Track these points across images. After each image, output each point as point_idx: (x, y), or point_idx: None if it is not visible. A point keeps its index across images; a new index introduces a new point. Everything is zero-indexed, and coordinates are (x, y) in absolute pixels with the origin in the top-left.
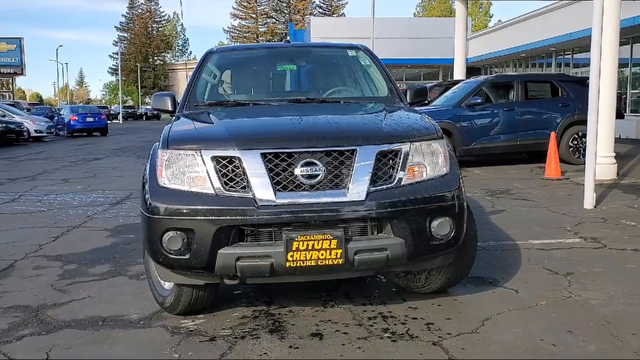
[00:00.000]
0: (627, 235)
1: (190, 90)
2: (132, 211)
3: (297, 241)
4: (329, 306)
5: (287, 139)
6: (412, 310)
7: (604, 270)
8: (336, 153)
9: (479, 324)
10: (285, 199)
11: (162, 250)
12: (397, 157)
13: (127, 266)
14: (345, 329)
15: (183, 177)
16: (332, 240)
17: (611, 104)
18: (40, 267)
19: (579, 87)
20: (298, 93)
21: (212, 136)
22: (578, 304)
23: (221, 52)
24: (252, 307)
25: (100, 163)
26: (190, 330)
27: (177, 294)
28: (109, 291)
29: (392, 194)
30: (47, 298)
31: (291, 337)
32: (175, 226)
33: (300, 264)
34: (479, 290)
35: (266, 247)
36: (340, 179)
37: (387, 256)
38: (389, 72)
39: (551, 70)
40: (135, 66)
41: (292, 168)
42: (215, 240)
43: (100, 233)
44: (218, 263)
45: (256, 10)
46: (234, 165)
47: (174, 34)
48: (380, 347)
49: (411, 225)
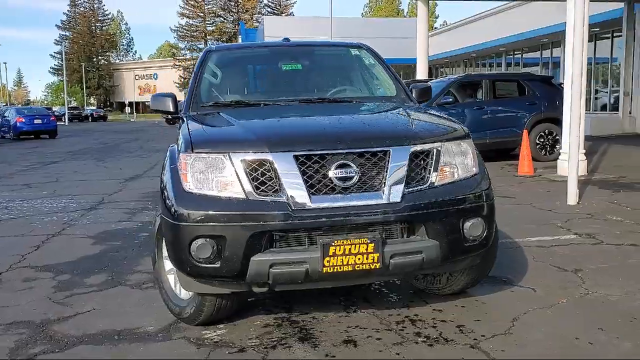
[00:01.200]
0: (619, 231)
1: (194, 91)
2: (110, 217)
3: (334, 246)
4: (352, 311)
5: (319, 141)
6: (438, 313)
7: (610, 266)
8: (369, 154)
9: (509, 324)
10: (321, 202)
11: (190, 258)
12: (428, 158)
13: (124, 275)
14: (376, 334)
15: (211, 182)
16: (368, 244)
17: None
18: (30, 278)
19: (545, 85)
20: (306, 93)
21: (240, 138)
22: (598, 301)
23: (221, 50)
24: (273, 315)
25: (59, 167)
26: (215, 342)
27: (199, 304)
28: (113, 302)
29: (426, 195)
30: (49, 312)
31: (324, 345)
32: (204, 233)
33: (337, 270)
34: (497, 290)
35: (301, 252)
36: (374, 181)
37: (422, 259)
38: (394, 71)
39: (501, 69)
40: (78, 66)
41: (326, 170)
42: (248, 247)
43: (83, 241)
44: (250, 271)
45: (204, 10)
46: (265, 169)
47: (119, 33)
48: (418, 353)
49: (445, 227)
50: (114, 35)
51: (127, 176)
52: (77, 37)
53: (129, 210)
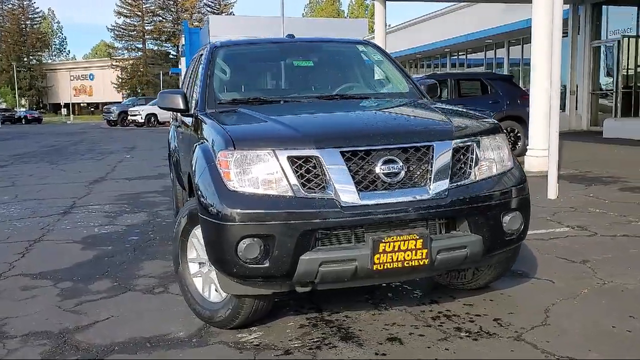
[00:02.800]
0: (607, 223)
1: (207, 88)
2: (89, 221)
3: (384, 243)
4: (383, 309)
5: (364, 137)
6: (470, 307)
7: (613, 257)
8: (413, 149)
9: (543, 316)
10: (369, 198)
11: (236, 259)
12: (468, 152)
13: (129, 280)
14: (417, 331)
15: (256, 180)
16: (417, 240)
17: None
18: (29, 287)
19: (507, 84)
20: (320, 89)
21: (285, 135)
22: (617, 290)
23: (227, 46)
24: (304, 315)
25: (11, 171)
26: (256, 345)
27: (236, 306)
28: (129, 309)
29: (469, 190)
30: (64, 321)
31: (368, 343)
32: (252, 233)
33: (386, 267)
34: (516, 283)
35: (350, 250)
36: (420, 176)
37: (466, 254)
38: (402, 67)
39: (446, 69)
40: (8, 66)
41: (372, 166)
42: (298, 246)
43: (71, 246)
44: (299, 270)
45: (142, 8)
46: (311, 165)
47: (50, 32)
48: (466, 348)
49: (488, 222)
50: (45, 34)
51: (90, 179)
52: (5, 36)
53: (107, 214)
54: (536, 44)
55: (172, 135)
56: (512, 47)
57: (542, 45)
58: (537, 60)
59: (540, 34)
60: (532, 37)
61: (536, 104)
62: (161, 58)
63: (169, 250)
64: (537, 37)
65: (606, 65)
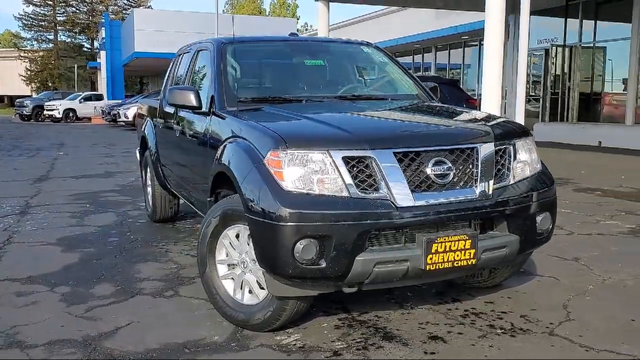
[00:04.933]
0: (578, 222)
1: (224, 86)
2: (55, 222)
3: (437, 243)
4: (408, 308)
5: (414, 138)
6: (492, 305)
7: (600, 255)
8: (459, 151)
9: (563, 312)
10: (422, 199)
11: (293, 260)
12: (505, 154)
13: (132, 284)
14: (453, 329)
15: (311, 180)
16: (466, 240)
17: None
18: (24, 292)
19: (452, 88)
20: (335, 89)
21: (338, 135)
22: (620, 286)
23: (236, 43)
24: (334, 316)
25: None
26: (301, 347)
27: (278, 308)
28: (146, 313)
29: (510, 191)
30: (82, 328)
31: (413, 342)
32: (310, 233)
33: (438, 267)
34: (524, 281)
35: (403, 250)
36: (467, 177)
37: (505, 254)
38: (406, 69)
39: None
40: None
41: (423, 167)
42: (355, 246)
43: (49, 249)
44: (354, 270)
45: None
46: (364, 166)
47: None
48: (508, 344)
49: (525, 222)
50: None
51: (32, 177)
52: None
53: (72, 214)
54: (488, 50)
55: (150, 132)
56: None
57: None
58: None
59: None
60: (485, 45)
61: (487, 108)
62: (74, 51)
63: (157, 252)
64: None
65: (535, 72)
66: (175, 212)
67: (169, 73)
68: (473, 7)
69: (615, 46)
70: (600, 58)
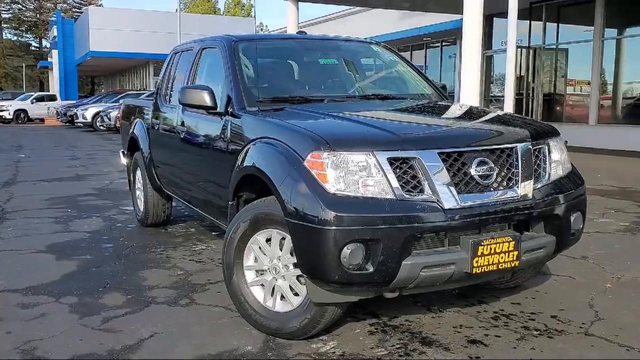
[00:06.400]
0: None
1: (240, 85)
2: (39, 228)
3: (483, 246)
4: (436, 311)
5: (457, 138)
6: (519, 306)
7: (606, 253)
8: (499, 151)
9: (591, 311)
10: (467, 200)
11: (339, 265)
12: (541, 154)
13: (143, 292)
14: (489, 332)
15: (356, 182)
16: (510, 242)
17: (475, 102)
18: (29, 304)
19: None
20: (353, 88)
21: (382, 136)
22: (636, 284)
23: (247, 41)
24: (364, 322)
25: None
26: (341, 355)
27: (316, 315)
28: (168, 324)
29: (547, 190)
30: (104, 341)
31: (454, 347)
32: (358, 237)
33: (483, 270)
34: (541, 280)
35: (449, 253)
36: (508, 178)
37: (544, 255)
38: (416, 67)
39: None
40: None
41: (467, 168)
42: (402, 250)
43: (40, 256)
44: (401, 275)
45: None
46: (409, 167)
47: None
48: (549, 346)
49: (561, 222)
50: None
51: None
52: None
53: (55, 219)
54: (466, 51)
55: (142, 133)
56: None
57: (472, 53)
58: (467, 67)
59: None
60: (463, 46)
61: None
62: (21, 50)
63: (158, 258)
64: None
65: (498, 73)
66: (168, 216)
67: (163, 73)
68: (439, 9)
69: (578, 48)
70: (563, 60)
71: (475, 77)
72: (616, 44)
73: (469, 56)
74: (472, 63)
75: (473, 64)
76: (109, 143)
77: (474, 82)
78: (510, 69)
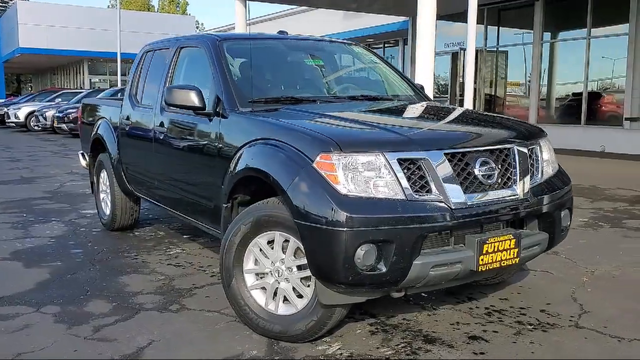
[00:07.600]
0: None
1: (230, 85)
2: None
3: (488, 244)
4: (430, 309)
5: (460, 138)
6: (507, 302)
7: (574, 247)
8: (498, 151)
9: (576, 305)
10: (473, 200)
11: (353, 266)
12: (533, 154)
13: (127, 298)
14: (485, 327)
15: (367, 183)
16: (512, 240)
17: None
18: (8, 315)
19: None
20: (339, 89)
21: (391, 137)
22: (610, 276)
23: (232, 40)
24: (362, 322)
25: None
26: (349, 356)
27: (323, 317)
28: (163, 330)
29: (540, 189)
30: (101, 351)
31: (456, 343)
32: (372, 238)
33: (488, 267)
34: (522, 276)
35: (455, 252)
36: (508, 177)
37: (538, 251)
38: (396, 68)
39: None
40: None
41: (471, 168)
42: (413, 250)
43: (6, 264)
44: (411, 274)
45: None
46: (417, 167)
47: None
48: (545, 339)
49: (554, 219)
50: None
51: None
52: None
53: (12, 224)
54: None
55: (108, 134)
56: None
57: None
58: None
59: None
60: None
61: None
62: None
63: (134, 263)
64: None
65: (440, 74)
66: (136, 220)
67: (133, 73)
68: (385, 11)
69: (516, 50)
70: (503, 62)
71: (428, 77)
72: (550, 47)
73: (422, 57)
74: (426, 64)
75: (426, 65)
76: (48, 144)
77: (428, 83)
78: (469, 70)
